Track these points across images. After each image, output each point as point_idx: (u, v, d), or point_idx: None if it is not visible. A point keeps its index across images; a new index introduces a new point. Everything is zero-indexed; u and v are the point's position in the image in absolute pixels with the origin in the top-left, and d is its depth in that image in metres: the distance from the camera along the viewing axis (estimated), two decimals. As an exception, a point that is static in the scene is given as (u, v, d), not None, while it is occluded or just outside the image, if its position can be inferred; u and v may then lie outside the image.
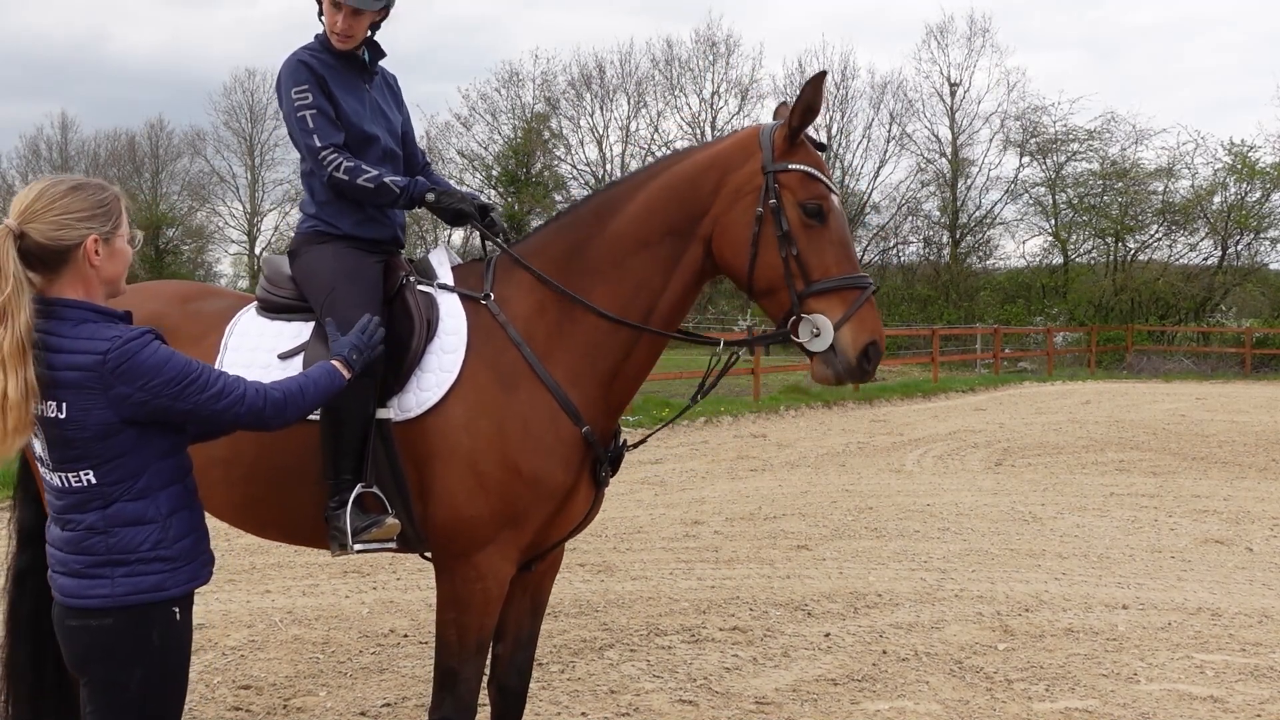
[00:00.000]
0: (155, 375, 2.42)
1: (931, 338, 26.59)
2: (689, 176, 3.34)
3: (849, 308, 3.15)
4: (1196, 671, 5.41)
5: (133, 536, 2.48)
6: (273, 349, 3.50)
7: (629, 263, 3.36)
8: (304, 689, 5.01)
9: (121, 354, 2.40)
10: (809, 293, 3.17)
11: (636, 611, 6.34)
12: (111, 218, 2.51)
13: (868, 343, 3.16)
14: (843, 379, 3.19)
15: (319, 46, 3.63)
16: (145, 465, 2.48)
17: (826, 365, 3.19)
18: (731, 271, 3.31)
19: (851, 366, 3.16)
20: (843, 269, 3.19)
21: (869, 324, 3.16)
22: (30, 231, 2.41)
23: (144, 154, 53.78)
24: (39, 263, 2.43)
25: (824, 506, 9.76)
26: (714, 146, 3.39)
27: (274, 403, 2.63)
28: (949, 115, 42.09)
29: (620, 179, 3.54)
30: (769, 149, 3.24)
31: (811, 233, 3.19)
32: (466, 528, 3.26)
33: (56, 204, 2.44)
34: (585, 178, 45.34)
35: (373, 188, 3.48)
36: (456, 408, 3.28)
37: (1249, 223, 36.75)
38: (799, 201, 3.19)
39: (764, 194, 3.21)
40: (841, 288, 3.17)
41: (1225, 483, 11.44)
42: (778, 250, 3.19)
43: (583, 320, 3.37)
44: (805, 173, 3.21)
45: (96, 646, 2.49)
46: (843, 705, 4.91)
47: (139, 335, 2.45)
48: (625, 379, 3.44)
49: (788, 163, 3.22)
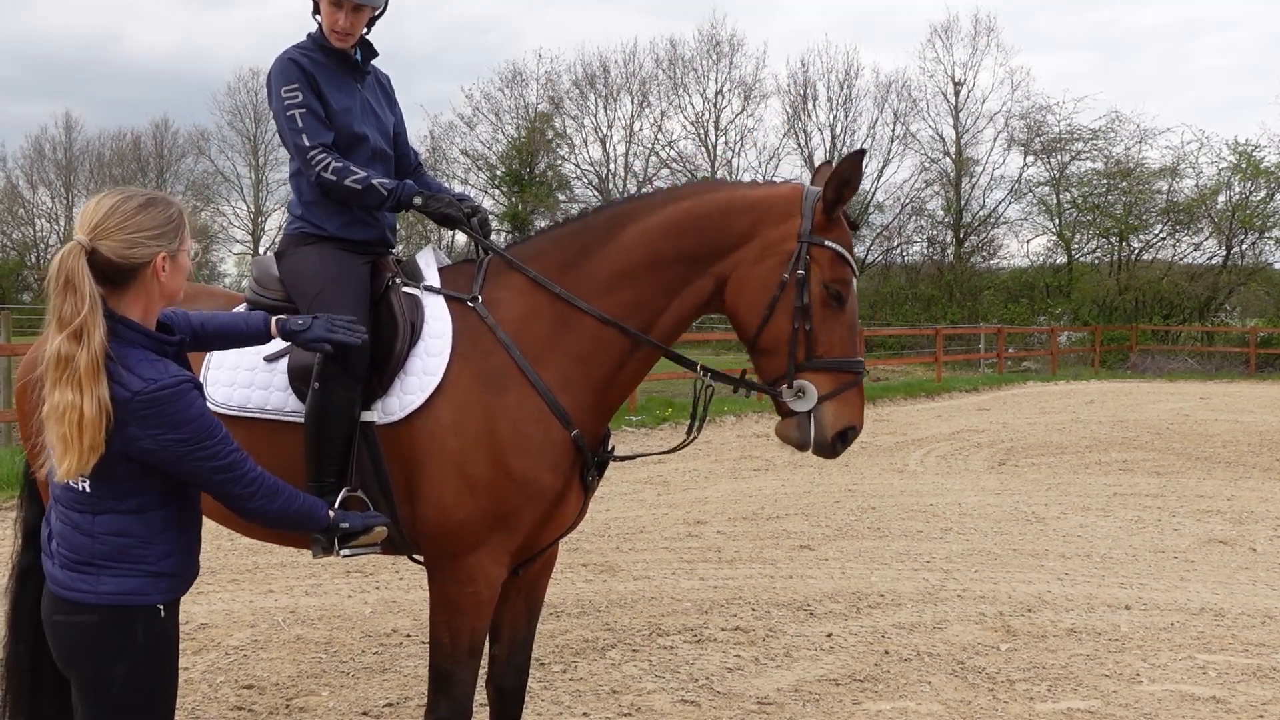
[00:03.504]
0: (172, 430, 2.41)
1: (935, 337, 26.59)
2: (723, 211, 3.30)
3: (838, 386, 3.20)
4: (1199, 672, 5.41)
5: (118, 545, 2.48)
6: (259, 351, 3.49)
7: (635, 277, 3.33)
8: (306, 689, 5.02)
9: (150, 400, 2.39)
10: (807, 366, 3.21)
11: (639, 611, 6.34)
12: (178, 234, 2.51)
13: (847, 426, 3.21)
14: (807, 448, 3.24)
15: (311, 45, 3.61)
16: (141, 489, 2.48)
17: (798, 429, 3.23)
18: (739, 322, 3.31)
19: (825, 443, 3.22)
20: (845, 351, 3.23)
21: (854, 407, 3.22)
22: (101, 248, 2.41)
23: (149, 154, 53.91)
24: (105, 278, 2.44)
25: (827, 506, 9.75)
26: (754, 190, 3.35)
27: (266, 491, 2.58)
28: (953, 114, 42.06)
29: (636, 195, 3.50)
30: (809, 217, 3.22)
31: (828, 312, 3.22)
32: (456, 530, 3.25)
33: (129, 222, 2.43)
34: (589, 177, 45.40)
35: (360, 189, 3.46)
36: (443, 410, 3.26)
37: (1253, 222, 36.70)
38: (825, 280, 3.20)
39: (794, 261, 3.20)
40: (837, 369, 3.22)
41: (1229, 483, 11.42)
42: (791, 319, 3.20)
43: (579, 327, 3.34)
44: (837, 253, 3.22)
45: (82, 642, 2.50)
46: (845, 705, 4.91)
47: (176, 384, 2.43)
48: (617, 386, 3.43)
49: (824, 238, 3.21)
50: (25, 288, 50.10)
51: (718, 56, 44.31)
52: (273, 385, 3.44)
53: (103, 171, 53.13)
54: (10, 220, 53.66)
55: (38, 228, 53.64)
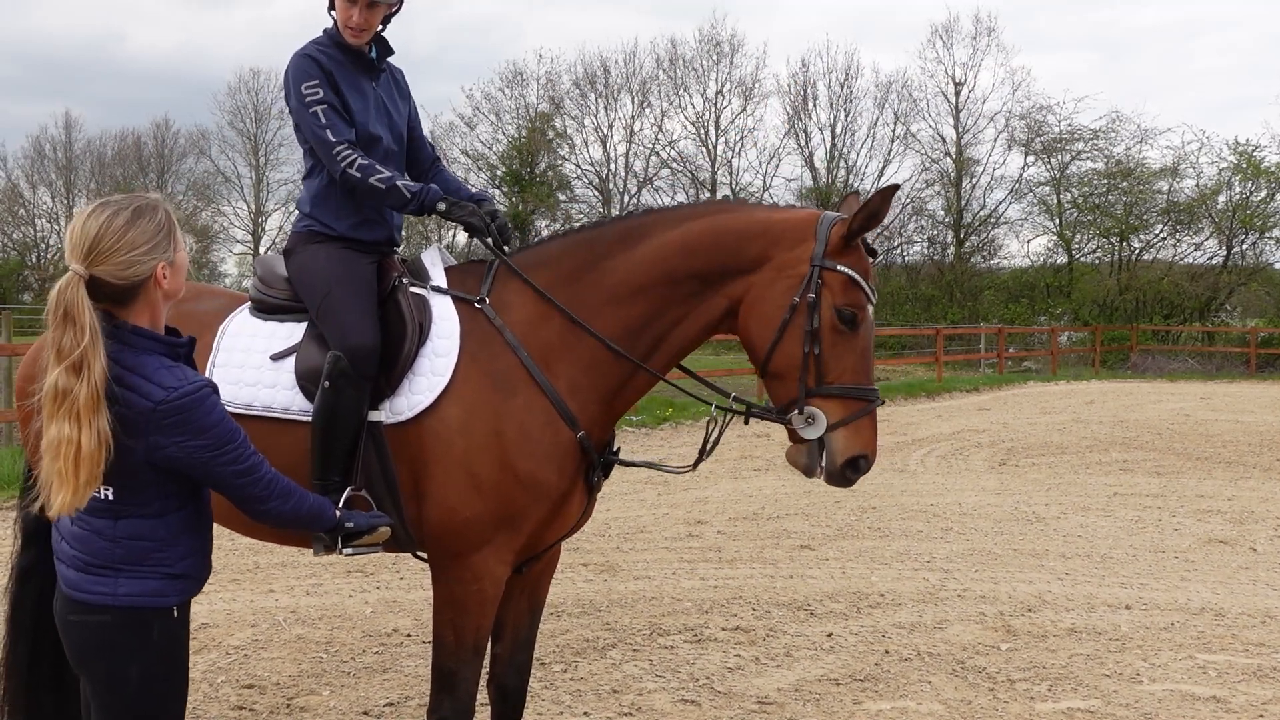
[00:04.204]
0: (196, 437, 2.40)
1: (936, 337, 26.60)
2: (739, 232, 3.29)
3: (850, 414, 3.14)
4: (1199, 672, 5.41)
5: (139, 549, 2.49)
6: (265, 350, 3.50)
7: (648, 292, 3.33)
8: (307, 688, 5.02)
9: (173, 409, 2.37)
10: (818, 392, 3.17)
11: (639, 611, 6.35)
12: (170, 238, 2.48)
13: (859, 455, 3.16)
14: (814, 475, 3.20)
15: (327, 41, 3.60)
16: (162, 493, 2.49)
17: (808, 456, 3.20)
18: (750, 344, 3.30)
19: (835, 471, 3.17)
20: (857, 379, 3.18)
21: (865, 436, 3.16)
22: (99, 274, 2.38)
23: (150, 154, 53.91)
24: (108, 298, 2.42)
25: (827, 506, 9.75)
26: (772, 213, 3.34)
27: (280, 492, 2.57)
28: (953, 114, 42.07)
29: (654, 208, 3.49)
30: (824, 241, 3.19)
31: (839, 337, 3.17)
32: (462, 529, 3.26)
33: (121, 242, 2.38)
34: (589, 177, 45.43)
35: (384, 189, 3.45)
36: (451, 410, 3.27)
37: (1254, 222, 36.71)
38: (836, 305, 3.16)
39: (805, 285, 3.17)
40: (849, 396, 3.17)
41: (1229, 483, 11.42)
42: (801, 343, 3.17)
43: (588, 337, 3.35)
44: (850, 278, 3.18)
45: (96, 642, 2.50)
46: (845, 705, 4.91)
47: (197, 390, 2.41)
48: (626, 398, 3.45)
49: (837, 263, 3.18)
50: (26, 288, 50.13)
51: (718, 56, 44.37)
52: (279, 384, 3.45)
53: (103, 172, 53.17)
54: (11, 220, 53.67)
55: (38, 228, 53.68)
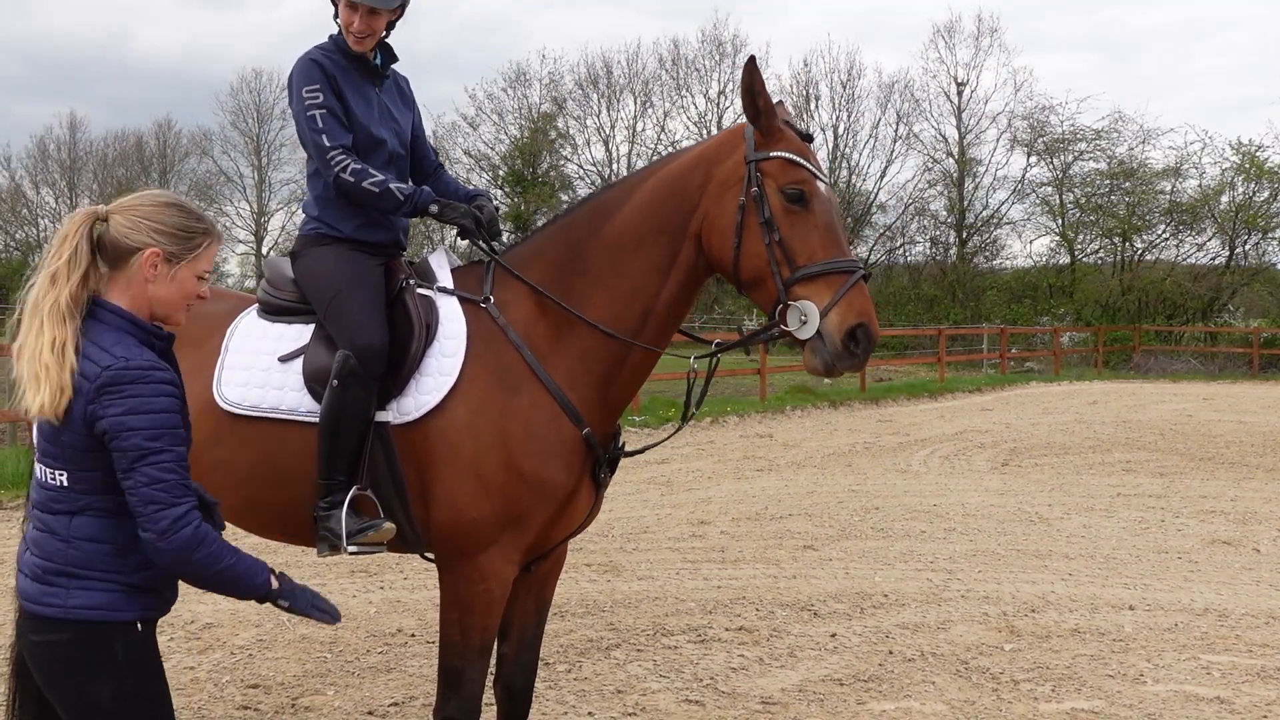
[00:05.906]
0: (131, 415, 2.32)
1: (938, 338, 26.60)
2: (678, 174, 3.36)
3: (836, 292, 3.06)
4: (1203, 673, 5.41)
5: (91, 553, 2.39)
6: (274, 351, 3.52)
7: (625, 266, 3.36)
8: (312, 688, 5.03)
9: (114, 377, 2.33)
10: (795, 279, 3.12)
11: (643, 611, 6.35)
12: (187, 245, 2.47)
13: (854, 325, 3.04)
14: (832, 367, 3.08)
15: (332, 46, 3.64)
16: (116, 484, 2.37)
17: (815, 354, 3.10)
18: (719, 264, 3.30)
19: (839, 351, 3.04)
20: (829, 253, 3.12)
21: (856, 306, 3.06)
22: (112, 222, 2.45)
23: (152, 154, 53.93)
24: (102, 253, 2.45)
25: (830, 506, 9.76)
26: (702, 145, 3.42)
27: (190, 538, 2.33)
28: (956, 115, 42.09)
29: (615, 182, 3.56)
30: (751, 141, 3.25)
31: (794, 218, 3.15)
32: (469, 529, 3.27)
33: (144, 207, 2.46)
34: (592, 177, 45.39)
35: (377, 192, 3.48)
36: (459, 410, 3.29)
37: (1257, 222, 36.68)
38: (780, 187, 3.17)
39: (746, 183, 3.20)
40: (828, 272, 3.10)
41: (1232, 483, 11.42)
42: (761, 238, 3.16)
43: (579, 326, 3.38)
44: (785, 159, 3.20)
45: (57, 663, 2.40)
46: (849, 705, 4.92)
47: (147, 369, 2.36)
48: (622, 383, 3.45)
49: (768, 151, 3.21)
50: (28, 288, 50.11)
51: (720, 57, 44.37)
52: (287, 385, 3.46)
53: (106, 172, 53.19)
54: (14, 220, 53.71)
55: (41, 228, 53.65)
